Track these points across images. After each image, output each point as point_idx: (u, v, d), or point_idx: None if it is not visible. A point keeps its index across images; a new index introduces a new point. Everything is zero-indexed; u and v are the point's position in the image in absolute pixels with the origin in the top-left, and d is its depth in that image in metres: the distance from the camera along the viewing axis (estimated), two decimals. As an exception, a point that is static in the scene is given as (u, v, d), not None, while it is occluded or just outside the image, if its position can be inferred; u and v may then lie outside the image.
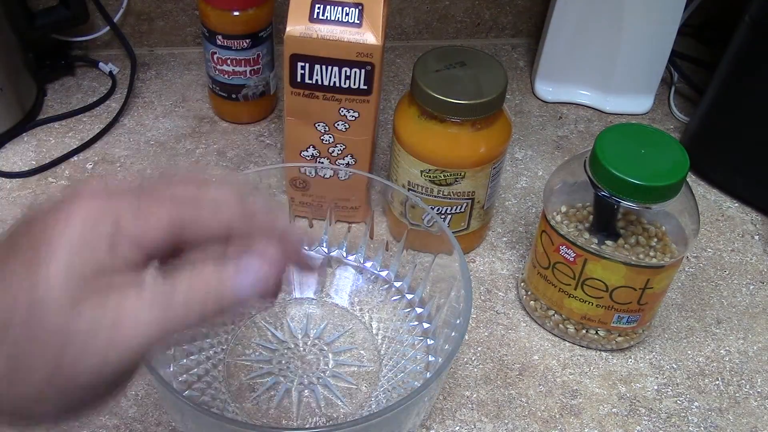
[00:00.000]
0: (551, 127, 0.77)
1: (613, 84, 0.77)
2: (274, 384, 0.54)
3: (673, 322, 0.60)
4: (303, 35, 0.55)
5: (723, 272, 0.64)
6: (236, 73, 0.70)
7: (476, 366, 0.56)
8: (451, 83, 0.55)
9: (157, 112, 0.75)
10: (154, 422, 0.52)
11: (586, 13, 0.73)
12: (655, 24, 0.72)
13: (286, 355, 0.56)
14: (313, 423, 0.52)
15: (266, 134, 0.74)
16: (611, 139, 0.51)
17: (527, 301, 0.60)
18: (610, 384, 0.56)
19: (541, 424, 0.53)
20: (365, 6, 0.55)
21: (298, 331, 0.57)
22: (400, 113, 0.58)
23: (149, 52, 0.82)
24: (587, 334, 0.57)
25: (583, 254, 0.53)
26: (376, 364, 0.55)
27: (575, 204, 0.55)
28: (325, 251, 0.61)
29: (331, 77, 0.56)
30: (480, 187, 0.58)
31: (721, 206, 0.70)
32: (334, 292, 0.60)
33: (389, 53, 0.84)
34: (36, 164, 0.69)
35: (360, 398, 0.53)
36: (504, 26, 0.86)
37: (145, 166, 0.70)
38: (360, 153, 0.61)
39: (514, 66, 0.84)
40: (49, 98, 0.76)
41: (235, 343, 0.56)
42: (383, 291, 0.59)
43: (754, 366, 0.58)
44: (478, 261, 0.64)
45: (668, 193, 0.50)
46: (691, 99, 0.81)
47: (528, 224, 0.67)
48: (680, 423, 0.54)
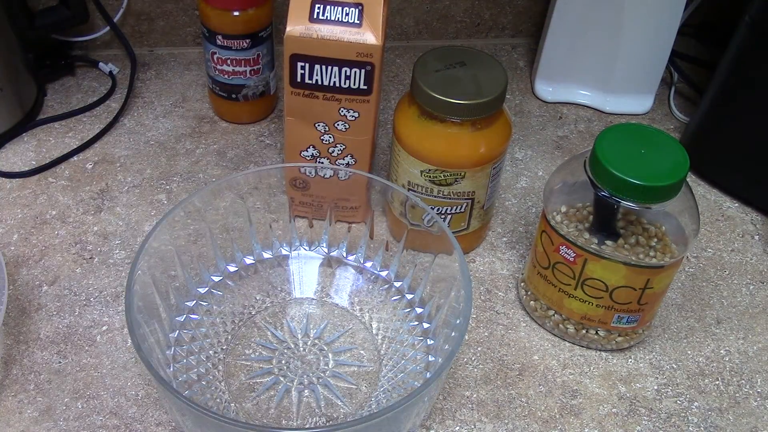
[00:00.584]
0: (551, 127, 0.77)
1: (613, 84, 0.77)
2: (274, 384, 0.54)
3: (673, 322, 0.60)
4: (303, 35, 0.55)
5: (723, 272, 0.64)
6: (236, 73, 0.70)
7: (476, 366, 0.56)
8: (451, 83, 0.55)
9: (157, 112, 0.75)
10: (154, 422, 0.52)
11: (586, 13, 0.73)
12: (655, 24, 0.72)
13: (286, 355, 0.56)
14: (313, 423, 0.52)
15: (266, 134, 0.74)
16: (611, 139, 0.51)
17: (527, 301, 0.60)
18: (610, 384, 0.56)
19: (541, 424, 0.53)
20: (365, 6, 0.55)
21: (298, 331, 0.57)
22: (400, 113, 0.58)
23: (149, 52, 0.82)
24: (587, 334, 0.57)
25: (583, 254, 0.53)
26: (376, 364, 0.56)
27: (575, 204, 0.55)
28: (325, 251, 0.61)
29: (331, 77, 0.56)
30: (480, 187, 0.59)
31: (721, 206, 0.70)
32: (334, 292, 0.60)
33: (389, 53, 0.84)
34: (36, 164, 0.69)
35: (360, 398, 0.53)
36: (504, 26, 0.86)
37: (145, 166, 0.70)
38: (360, 153, 0.61)
39: (514, 66, 0.84)
40: (49, 98, 0.76)
41: (235, 343, 0.56)
42: (383, 291, 0.59)
43: (754, 366, 0.58)
44: (478, 261, 0.64)
45: (668, 193, 0.50)
46: (691, 99, 0.81)
47: (528, 224, 0.67)
48: (680, 423, 0.54)
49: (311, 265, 0.61)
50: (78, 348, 0.56)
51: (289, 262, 0.61)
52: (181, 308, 0.56)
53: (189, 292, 0.57)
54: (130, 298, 0.47)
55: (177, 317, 0.55)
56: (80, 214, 0.65)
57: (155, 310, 0.52)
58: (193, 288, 0.57)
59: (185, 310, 0.56)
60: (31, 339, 0.56)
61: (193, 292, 0.57)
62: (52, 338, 0.56)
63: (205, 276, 0.58)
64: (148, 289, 0.51)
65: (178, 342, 0.54)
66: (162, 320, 0.53)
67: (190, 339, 0.55)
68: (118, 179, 0.68)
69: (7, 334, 0.56)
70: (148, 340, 0.49)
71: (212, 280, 0.58)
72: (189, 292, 0.57)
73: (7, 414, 0.52)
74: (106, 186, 0.68)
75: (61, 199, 0.66)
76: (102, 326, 0.57)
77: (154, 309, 0.52)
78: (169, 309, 0.54)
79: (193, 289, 0.57)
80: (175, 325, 0.54)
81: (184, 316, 0.56)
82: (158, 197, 0.67)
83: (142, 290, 0.49)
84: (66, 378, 0.54)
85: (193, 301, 0.57)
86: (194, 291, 0.57)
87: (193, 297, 0.57)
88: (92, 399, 0.53)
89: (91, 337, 0.56)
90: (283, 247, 0.61)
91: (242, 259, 0.60)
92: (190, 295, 0.57)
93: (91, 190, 0.67)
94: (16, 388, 0.53)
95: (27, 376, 0.54)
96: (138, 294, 0.48)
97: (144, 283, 0.50)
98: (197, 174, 0.69)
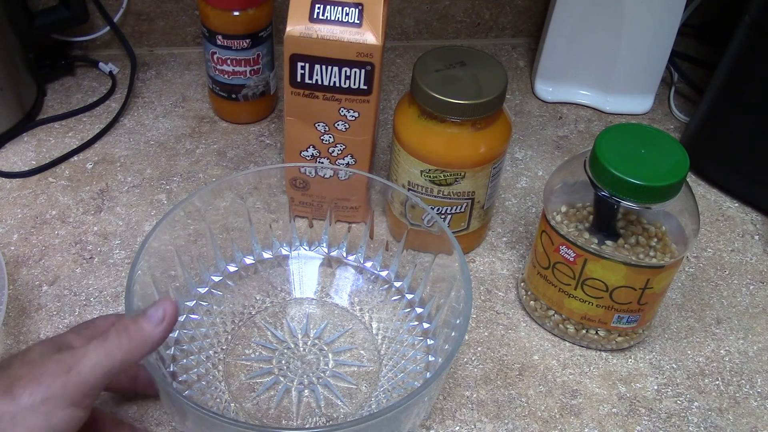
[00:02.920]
0: (551, 127, 0.77)
1: (613, 84, 0.77)
2: (274, 384, 0.54)
3: (673, 322, 0.60)
4: (303, 35, 0.55)
5: (723, 272, 0.64)
6: (236, 73, 0.70)
7: (476, 366, 0.56)
8: (451, 83, 0.55)
9: (157, 112, 0.75)
10: (154, 422, 0.52)
11: (586, 13, 0.73)
12: (655, 24, 0.72)
13: (286, 355, 0.56)
14: (313, 423, 0.52)
15: (266, 134, 0.74)
16: (611, 139, 0.51)
17: (527, 301, 0.60)
18: (610, 384, 0.56)
19: (541, 424, 0.53)
20: (365, 6, 0.55)
21: (298, 331, 0.57)
22: (400, 113, 0.58)
23: (149, 52, 0.82)
24: (587, 334, 0.57)
25: (583, 254, 0.53)
26: (376, 364, 0.55)
27: (575, 204, 0.55)
28: (325, 251, 0.61)
29: (331, 77, 0.56)
30: (480, 187, 0.59)
31: (721, 206, 0.70)
32: (334, 292, 0.60)
33: (389, 53, 0.84)
34: (36, 164, 0.69)
35: (360, 398, 0.53)
36: (504, 26, 0.86)
37: (145, 166, 0.70)
38: (360, 153, 0.61)
39: (514, 66, 0.84)
40: (49, 98, 0.76)
41: (235, 344, 0.56)
42: (383, 291, 0.59)
43: (754, 366, 0.58)
44: (478, 261, 0.64)
45: (668, 193, 0.50)
46: (691, 99, 0.81)
47: (528, 224, 0.67)
48: (680, 423, 0.54)
49: (311, 265, 0.61)
50: (78, 348, 0.56)
51: (289, 262, 0.61)
52: (181, 308, 0.56)
53: (189, 292, 0.57)
54: (130, 298, 0.47)
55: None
56: (80, 214, 0.65)
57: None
58: (193, 288, 0.57)
59: (185, 310, 0.56)
60: (31, 339, 0.56)
61: (192, 292, 0.57)
62: (52, 338, 0.56)
63: (205, 276, 0.58)
64: (148, 289, 0.51)
65: (178, 342, 0.54)
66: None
67: (190, 339, 0.55)
68: (118, 179, 0.68)
69: (7, 334, 0.56)
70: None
71: (212, 280, 0.58)
72: (189, 292, 0.57)
73: (7, 414, 0.52)
74: (106, 186, 0.68)
75: (61, 199, 0.66)
76: (102, 326, 0.57)
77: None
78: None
79: (192, 289, 0.57)
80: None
81: (184, 316, 0.56)
82: (158, 197, 0.67)
83: (142, 290, 0.49)
84: (66, 378, 0.54)
85: (193, 301, 0.57)
86: (194, 291, 0.57)
87: (192, 297, 0.57)
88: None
89: (91, 337, 0.56)
90: (283, 247, 0.61)
91: (242, 259, 0.60)
92: (189, 295, 0.57)
93: (91, 190, 0.67)
94: (16, 388, 0.53)
95: (27, 376, 0.54)
96: (138, 294, 0.48)
97: (144, 283, 0.50)
98: (197, 174, 0.69)
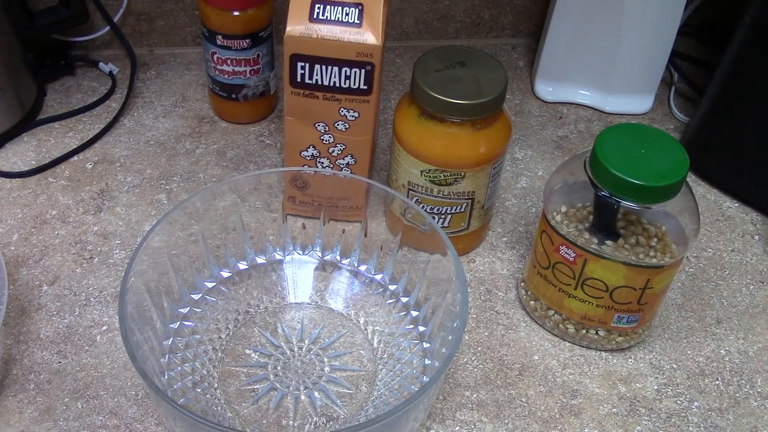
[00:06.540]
0: (551, 127, 0.77)
1: (613, 84, 0.77)
2: (270, 389, 0.53)
3: (673, 322, 0.60)
4: (303, 35, 0.55)
5: (723, 272, 0.64)
6: (236, 73, 0.70)
7: (476, 366, 0.56)
8: (451, 83, 0.55)
9: (157, 112, 0.75)
10: (154, 422, 0.52)
11: (586, 13, 0.73)
12: (655, 24, 0.72)
13: (282, 361, 0.55)
14: (310, 429, 0.52)
15: (266, 134, 0.74)
16: (611, 139, 0.51)
17: (527, 301, 0.59)
18: (610, 384, 0.56)
19: (541, 424, 0.53)
20: (365, 6, 0.55)
21: (294, 336, 0.57)
22: (400, 113, 0.58)
23: (149, 52, 0.82)
24: (587, 334, 0.57)
25: (583, 254, 0.53)
26: (373, 368, 0.55)
27: (575, 204, 0.55)
28: (319, 255, 0.61)
29: (331, 77, 0.56)
30: (480, 187, 0.58)
31: (721, 206, 0.70)
32: (329, 296, 0.60)
33: (389, 53, 0.84)
34: (36, 164, 0.69)
35: (357, 403, 0.53)
36: (504, 26, 0.86)
37: (145, 166, 0.70)
38: (360, 153, 0.61)
39: (514, 66, 0.84)
40: (49, 98, 0.76)
41: (230, 350, 0.56)
42: (378, 294, 0.59)
43: (754, 366, 0.58)
44: (478, 261, 0.64)
45: (668, 193, 0.50)
46: (691, 99, 0.81)
47: (528, 224, 0.67)
48: (680, 423, 0.54)
49: (305, 270, 0.61)
50: (78, 348, 0.56)
51: (283, 267, 0.61)
52: (175, 315, 0.55)
53: (182, 299, 0.56)
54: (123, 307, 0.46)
55: (171, 324, 0.55)
56: (80, 214, 0.65)
57: (149, 318, 0.52)
58: (186, 294, 0.56)
59: (179, 317, 0.55)
60: (31, 339, 0.56)
61: (186, 299, 0.56)
62: (52, 338, 0.56)
63: (198, 282, 0.58)
64: (142, 297, 0.50)
65: (173, 350, 0.53)
66: (156, 328, 0.52)
67: (185, 346, 0.54)
68: (118, 179, 0.68)
69: (7, 334, 0.56)
70: (143, 348, 0.48)
71: (206, 287, 0.58)
72: (182, 299, 0.56)
73: (7, 414, 0.52)
74: (106, 186, 0.68)
75: (61, 199, 0.66)
76: (102, 326, 0.57)
77: (147, 317, 0.51)
78: (162, 316, 0.53)
79: (186, 296, 0.56)
80: (169, 332, 0.54)
81: (178, 323, 0.55)
82: (158, 197, 0.67)
83: (136, 298, 0.49)
84: (66, 378, 0.54)
85: (186, 307, 0.56)
86: (187, 297, 0.57)
87: (186, 304, 0.56)
88: (92, 399, 0.53)
89: (91, 337, 0.56)
90: (277, 252, 0.61)
91: (236, 265, 0.59)
92: (183, 301, 0.56)
93: (91, 190, 0.67)
94: (16, 388, 0.53)
95: (27, 376, 0.54)
96: (132, 302, 0.47)
97: (137, 290, 0.49)
98: (197, 174, 0.69)
